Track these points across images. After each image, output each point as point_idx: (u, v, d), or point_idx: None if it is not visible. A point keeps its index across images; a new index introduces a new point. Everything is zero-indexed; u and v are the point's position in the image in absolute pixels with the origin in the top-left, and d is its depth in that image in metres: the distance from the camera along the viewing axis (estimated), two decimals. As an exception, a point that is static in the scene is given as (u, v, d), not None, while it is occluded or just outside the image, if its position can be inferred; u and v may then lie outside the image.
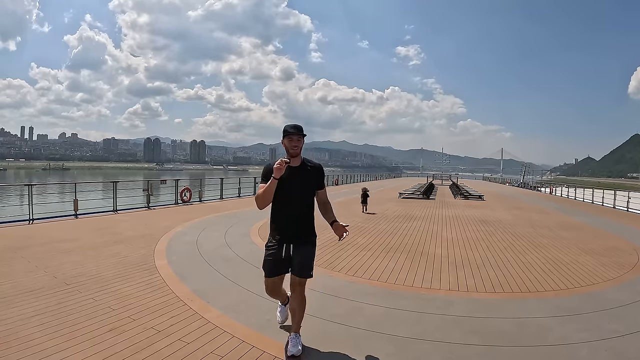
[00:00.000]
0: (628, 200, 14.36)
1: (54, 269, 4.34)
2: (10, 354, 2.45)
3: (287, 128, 2.55)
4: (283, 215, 2.58)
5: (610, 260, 5.61)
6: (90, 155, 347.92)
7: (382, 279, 4.44)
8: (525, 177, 52.28)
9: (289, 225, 2.57)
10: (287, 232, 2.58)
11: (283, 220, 2.58)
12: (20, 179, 76.30)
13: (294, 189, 2.53)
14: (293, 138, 2.53)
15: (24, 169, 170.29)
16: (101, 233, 6.67)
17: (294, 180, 2.52)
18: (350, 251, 5.74)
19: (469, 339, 2.89)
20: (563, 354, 2.70)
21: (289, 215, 2.57)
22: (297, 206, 2.57)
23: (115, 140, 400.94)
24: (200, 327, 2.98)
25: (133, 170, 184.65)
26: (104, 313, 3.16)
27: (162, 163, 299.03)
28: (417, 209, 12.50)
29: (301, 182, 2.56)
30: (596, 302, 3.77)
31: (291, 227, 2.57)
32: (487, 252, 6.03)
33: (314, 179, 2.63)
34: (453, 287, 4.20)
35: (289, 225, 2.57)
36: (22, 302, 3.33)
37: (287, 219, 2.57)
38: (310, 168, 2.62)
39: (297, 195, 2.56)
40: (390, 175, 65.56)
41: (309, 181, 2.60)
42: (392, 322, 3.19)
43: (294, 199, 2.56)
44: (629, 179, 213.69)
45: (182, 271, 4.45)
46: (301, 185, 2.56)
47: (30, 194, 8.22)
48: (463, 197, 18.45)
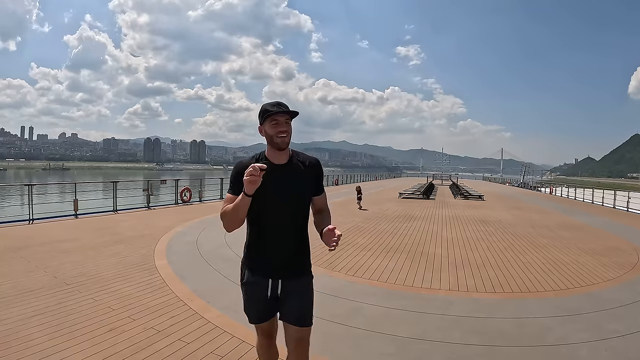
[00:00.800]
0: (628, 200, 14.35)
1: (54, 269, 4.34)
2: (10, 354, 2.45)
3: (267, 106, 1.67)
4: (266, 236, 1.74)
5: (610, 260, 5.61)
6: (90, 155, 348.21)
7: (382, 279, 4.44)
8: (525, 177, 52.29)
9: (276, 250, 1.74)
10: (273, 261, 1.75)
11: (266, 243, 1.75)
12: (20, 179, 76.34)
13: (281, 197, 1.70)
14: (279, 120, 1.65)
15: (24, 169, 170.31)
16: (101, 233, 6.67)
17: (281, 185, 1.69)
18: (350, 251, 5.74)
19: (469, 339, 2.89)
20: (563, 354, 2.70)
21: (275, 236, 1.73)
22: (286, 222, 1.74)
23: (115, 140, 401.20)
24: (200, 327, 2.98)
25: (133, 170, 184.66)
26: (104, 313, 3.16)
27: (162, 163, 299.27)
28: (417, 209, 12.50)
29: (292, 186, 1.72)
30: (596, 302, 3.77)
31: (279, 253, 1.74)
32: (487, 252, 6.03)
33: (310, 181, 1.79)
34: (453, 287, 4.20)
35: (275, 251, 1.74)
36: (22, 302, 3.33)
37: (273, 241, 1.74)
38: (304, 166, 1.77)
39: (285, 206, 1.71)
40: (390, 175, 65.58)
41: (303, 185, 1.76)
42: (392, 322, 3.19)
43: (282, 212, 1.71)
44: (629, 179, 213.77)
45: (182, 271, 4.45)
46: (291, 191, 1.72)
47: (30, 194, 8.22)
48: (463, 197, 18.45)
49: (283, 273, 1.76)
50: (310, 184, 1.80)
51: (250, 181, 1.51)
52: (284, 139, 1.67)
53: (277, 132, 1.66)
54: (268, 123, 1.67)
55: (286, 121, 1.67)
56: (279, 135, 1.66)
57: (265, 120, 1.67)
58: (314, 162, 1.81)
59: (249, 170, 1.51)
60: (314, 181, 1.82)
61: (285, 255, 1.76)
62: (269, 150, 1.74)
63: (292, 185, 1.73)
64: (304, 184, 1.77)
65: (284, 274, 1.76)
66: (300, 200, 1.77)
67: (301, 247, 1.80)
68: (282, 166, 1.73)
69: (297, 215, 1.76)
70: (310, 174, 1.79)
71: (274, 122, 1.66)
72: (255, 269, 1.78)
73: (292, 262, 1.77)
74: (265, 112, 1.66)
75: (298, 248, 1.79)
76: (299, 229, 1.77)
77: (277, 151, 1.71)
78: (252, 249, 1.79)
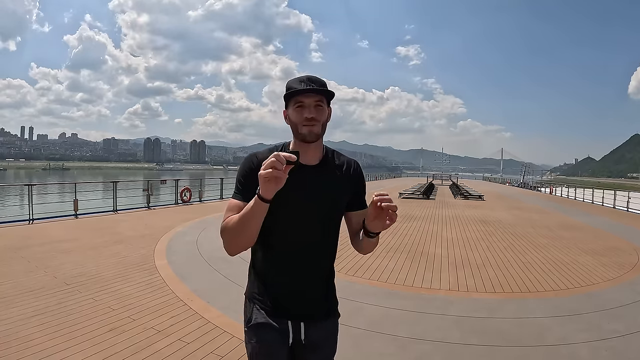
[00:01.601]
0: (628, 200, 14.36)
1: (54, 269, 4.34)
2: (10, 354, 2.45)
3: (292, 83, 1.21)
4: (285, 259, 1.25)
5: (610, 260, 5.61)
6: (90, 155, 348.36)
7: (382, 279, 4.44)
8: (525, 177, 52.30)
9: (299, 280, 1.25)
10: (295, 297, 1.25)
11: (285, 269, 1.25)
12: (20, 179, 76.33)
13: (308, 210, 1.22)
14: (305, 103, 1.18)
15: (24, 169, 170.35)
16: (101, 233, 6.67)
17: (310, 189, 1.22)
18: (351, 251, 5.72)
19: (469, 339, 2.89)
20: (563, 354, 2.70)
21: (298, 259, 1.24)
22: (314, 240, 1.25)
23: (115, 140, 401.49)
24: (200, 327, 2.98)
25: (133, 170, 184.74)
26: (104, 313, 3.16)
27: (162, 163, 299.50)
28: (417, 209, 12.50)
29: (324, 196, 1.23)
30: (596, 302, 3.77)
31: (303, 283, 1.26)
32: (487, 252, 6.03)
33: (349, 188, 1.30)
34: (453, 287, 4.20)
35: (298, 281, 1.25)
36: (22, 302, 3.33)
37: (295, 266, 1.24)
38: (343, 170, 1.30)
39: (315, 219, 1.23)
40: (390, 175, 65.60)
41: (339, 192, 1.27)
42: (392, 322, 3.19)
43: (310, 227, 1.23)
44: (629, 179, 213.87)
45: (182, 271, 4.45)
46: (324, 201, 1.23)
47: (30, 194, 8.22)
48: (463, 197, 18.45)
49: (308, 313, 1.26)
50: (347, 192, 1.29)
51: (270, 178, 1.00)
52: (312, 128, 1.19)
53: (302, 119, 1.18)
54: (292, 106, 1.21)
55: (317, 104, 1.19)
56: (305, 123, 1.18)
57: (289, 102, 1.22)
58: (353, 165, 1.32)
59: (269, 161, 1.00)
60: (356, 190, 1.32)
61: (311, 286, 1.27)
62: (294, 143, 1.26)
63: (326, 195, 1.23)
64: (341, 194, 1.28)
65: (309, 314, 1.26)
66: (335, 210, 1.27)
67: (331, 275, 1.34)
68: (312, 168, 1.23)
69: (328, 231, 1.27)
70: (351, 180, 1.30)
71: (298, 105, 1.19)
72: (271, 308, 1.25)
73: (319, 297, 1.30)
74: (290, 89, 1.19)
75: (327, 280, 1.32)
76: (329, 250, 1.30)
77: (305, 145, 1.22)
78: (263, 278, 1.28)
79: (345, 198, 1.29)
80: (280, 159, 0.99)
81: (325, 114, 1.22)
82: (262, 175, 1.01)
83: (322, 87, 1.19)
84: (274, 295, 1.26)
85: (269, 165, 1.00)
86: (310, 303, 1.27)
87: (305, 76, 1.21)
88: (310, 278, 1.27)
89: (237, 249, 1.18)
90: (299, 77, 1.22)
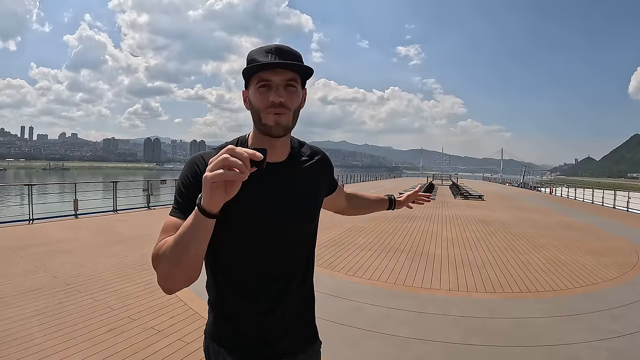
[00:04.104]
0: (628, 200, 14.35)
1: (54, 269, 4.34)
2: (10, 354, 2.45)
3: (256, 55, 0.87)
4: (252, 281, 0.95)
5: (611, 260, 5.61)
6: (90, 155, 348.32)
7: (382, 279, 4.44)
8: (525, 177, 52.34)
9: (275, 314, 0.97)
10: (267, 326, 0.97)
11: (252, 294, 0.95)
12: (20, 179, 76.34)
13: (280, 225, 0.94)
14: (273, 82, 0.86)
15: (24, 168, 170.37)
16: (101, 233, 6.68)
17: (280, 200, 0.93)
18: (350, 251, 5.74)
19: (469, 339, 2.89)
20: (563, 354, 2.70)
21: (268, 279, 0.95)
22: (286, 256, 0.97)
23: (115, 140, 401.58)
24: (200, 327, 2.97)
25: (133, 170, 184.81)
26: (104, 313, 3.15)
27: (162, 163, 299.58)
28: (417, 209, 12.46)
29: (296, 195, 0.96)
30: (596, 302, 3.77)
31: (281, 318, 0.97)
32: (487, 252, 6.03)
33: (321, 181, 1.08)
34: (453, 287, 4.20)
35: (274, 316, 0.97)
36: (22, 302, 3.33)
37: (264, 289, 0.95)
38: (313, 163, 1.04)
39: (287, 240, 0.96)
40: (391, 175, 65.63)
41: (315, 194, 1.03)
42: (392, 322, 3.19)
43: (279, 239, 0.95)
44: (629, 179, 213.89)
45: (182, 271, 4.45)
46: (300, 210, 0.97)
47: (30, 194, 8.21)
48: (463, 197, 18.45)
49: (285, 345, 0.99)
50: (323, 190, 1.09)
51: (219, 183, 0.70)
52: (279, 118, 0.86)
53: (267, 103, 0.86)
54: (254, 85, 0.88)
55: (288, 84, 0.87)
56: (270, 110, 0.86)
57: (249, 80, 0.89)
58: (323, 157, 1.09)
59: (220, 159, 0.68)
60: (327, 179, 1.11)
61: (290, 316, 0.99)
62: (254, 137, 0.95)
63: (298, 193, 0.96)
64: (315, 192, 1.03)
65: (286, 346, 0.99)
66: (310, 217, 1.00)
67: (309, 293, 1.06)
68: (279, 165, 0.94)
69: (304, 245, 1.00)
70: (322, 175, 1.08)
71: (262, 85, 0.86)
72: (236, 345, 0.96)
73: (300, 326, 1.03)
74: (252, 62, 0.86)
75: (305, 295, 1.04)
76: (305, 265, 1.01)
77: (269, 139, 0.90)
78: (226, 307, 0.97)
79: (320, 194, 1.07)
80: (239, 155, 0.68)
81: (299, 98, 0.90)
82: (209, 179, 0.69)
83: (296, 62, 0.86)
84: (237, 326, 0.96)
85: (219, 164, 0.68)
86: (291, 337, 1.00)
87: (274, 45, 0.87)
88: (288, 307, 0.98)
89: (175, 284, 0.83)
90: (265, 46, 0.88)
